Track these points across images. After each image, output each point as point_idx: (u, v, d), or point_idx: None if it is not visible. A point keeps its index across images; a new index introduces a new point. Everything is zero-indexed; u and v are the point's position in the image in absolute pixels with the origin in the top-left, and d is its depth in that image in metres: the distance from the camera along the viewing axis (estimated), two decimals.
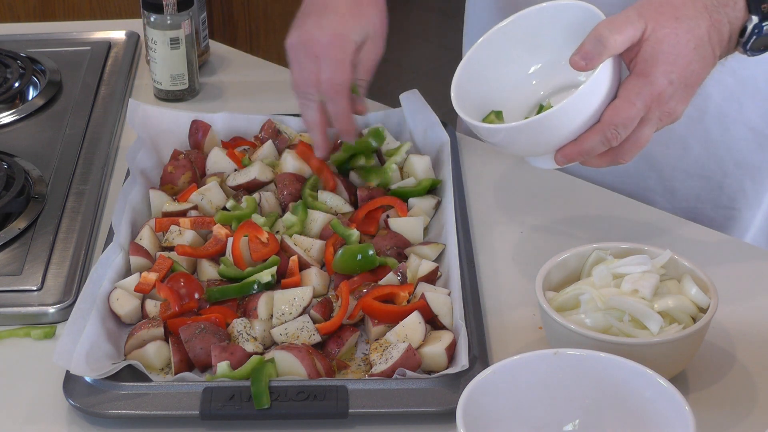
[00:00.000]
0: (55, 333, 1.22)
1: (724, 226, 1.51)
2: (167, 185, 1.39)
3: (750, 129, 1.48)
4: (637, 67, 1.15)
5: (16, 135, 1.57)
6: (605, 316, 1.10)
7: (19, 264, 1.31)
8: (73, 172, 1.47)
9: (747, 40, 1.18)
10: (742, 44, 1.18)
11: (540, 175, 1.46)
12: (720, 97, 1.46)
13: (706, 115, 1.47)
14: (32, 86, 1.68)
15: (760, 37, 1.18)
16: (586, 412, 1.02)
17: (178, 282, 1.21)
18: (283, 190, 1.36)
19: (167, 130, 1.48)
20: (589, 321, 1.10)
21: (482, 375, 1.00)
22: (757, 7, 1.17)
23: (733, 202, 1.52)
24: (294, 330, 1.17)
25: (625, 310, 1.10)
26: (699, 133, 1.48)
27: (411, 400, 1.09)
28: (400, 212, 1.33)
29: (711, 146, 1.49)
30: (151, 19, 1.60)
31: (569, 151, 1.16)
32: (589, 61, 1.13)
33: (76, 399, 1.10)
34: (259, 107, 1.58)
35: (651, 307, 1.10)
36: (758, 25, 1.17)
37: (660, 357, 1.07)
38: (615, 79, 1.15)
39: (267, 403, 1.09)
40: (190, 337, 1.15)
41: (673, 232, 1.37)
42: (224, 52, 1.80)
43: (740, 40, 1.18)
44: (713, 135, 1.48)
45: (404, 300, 1.20)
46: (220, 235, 1.28)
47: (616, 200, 1.43)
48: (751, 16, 1.17)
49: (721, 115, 1.47)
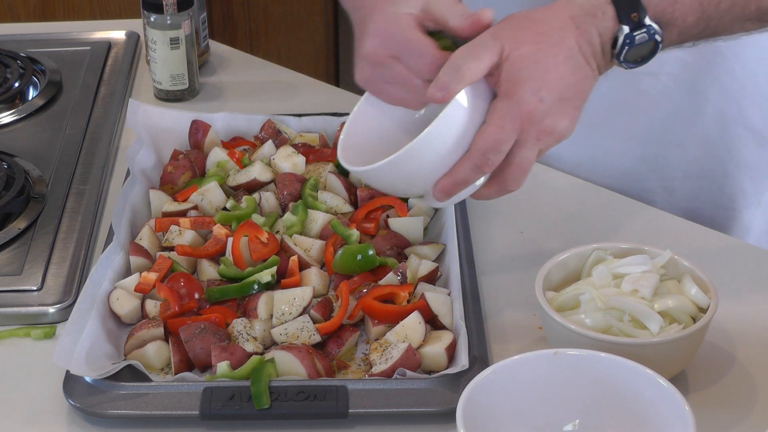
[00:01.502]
0: (55, 333, 1.22)
1: (724, 226, 1.51)
2: (167, 185, 1.39)
3: (749, 129, 1.48)
4: (502, 89, 1.10)
5: (16, 135, 1.57)
6: (605, 316, 1.10)
7: (19, 264, 1.31)
8: (73, 172, 1.47)
9: (620, 51, 1.13)
10: (615, 56, 1.13)
11: (540, 175, 1.46)
12: (718, 97, 1.45)
13: (705, 116, 1.47)
14: (32, 86, 1.68)
15: (633, 47, 1.12)
16: (586, 412, 1.02)
17: (178, 282, 1.21)
18: (283, 190, 1.36)
19: (167, 130, 1.48)
20: (589, 321, 1.10)
21: (482, 375, 1.00)
22: (627, 16, 1.12)
23: (733, 202, 1.51)
24: (294, 330, 1.17)
25: (625, 310, 1.10)
26: (697, 133, 1.48)
27: (411, 400, 1.09)
28: (400, 212, 1.33)
29: (710, 146, 1.49)
30: (151, 19, 1.60)
31: (444, 184, 1.11)
32: (446, 93, 1.08)
33: (76, 399, 1.10)
34: (259, 107, 1.59)
35: (651, 307, 1.10)
36: (629, 35, 1.12)
37: (660, 357, 1.07)
38: (480, 105, 1.10)
39: (267, 403, 1.08)
40: (190, 337, 1.15)
41: (673, 232, 1.37)
42: (224, 52, 1.80)
43: (614, 52, 1.13)
44: (712, 135, 1.48)
45: (404, 300, 1.20)
46: (220, 235, 1.28)
47: (617, 200, 1.43)
48: (622, 26, 1.12)
49: (719, 116, 1.47)
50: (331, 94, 1.69)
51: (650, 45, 1.13)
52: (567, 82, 1.11)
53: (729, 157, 1.49)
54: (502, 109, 1.10)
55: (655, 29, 1.13)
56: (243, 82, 1.71)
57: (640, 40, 1.12)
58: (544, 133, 1.11)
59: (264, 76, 1.73)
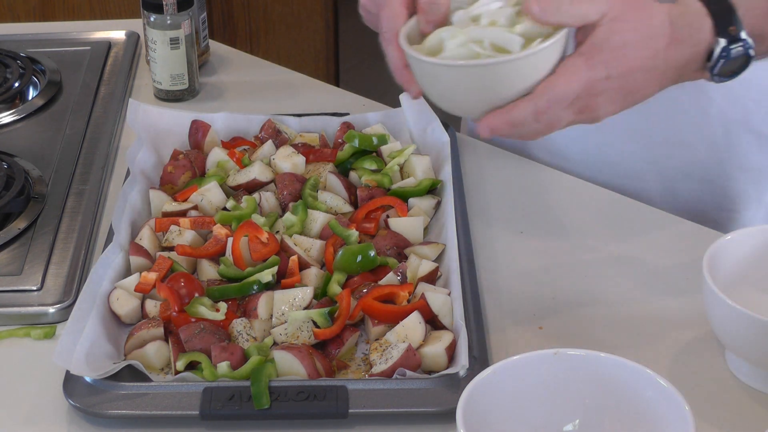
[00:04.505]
0: (55, 333, 1.22)
1: (726, 228, 1.50)
2: (167, 185, 1.39)
3: (753, 132, 1.47)
4: (583, 47, 1.11)
5: (16, 135, 1.57)
6: (468, 49, 1.10)
7: (19, 264, 1.31)
8: (73, 172, 1.47)
9: (714, 64, 1.13)
10: (708, 68, 1.14)
11: (540, 175, 1.46)
12: (723, 100, 1.45)
13: (709, 119, 1.46)
14: (32, 86, 1.68)
15: (728, 61, 1.13)
16: (586, 412, 1.02)
17: (178, 282, 1.21)
18: (283, 190, 1.36)
19: (167, 130, 1.48)
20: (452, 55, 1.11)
21: (482, 375, 1.00)
22: (725, 30, 1.12)
23: (735, 204, 1.51)
24: (294, 330, 1.17)
25: (484, 39, 1.10)
26: (701, 135, 1.48)
27: (411, 400, 1.09)
28: (400, 212, 1.33)
29: (713, 149, 1.48)
30: (151, 19, 1.60)
31: (496, 121, 1.11)
32: (543, 14, 1.09)
33: (76, 399, 1.10)
34: (259, 107, 1.59)
35: (510, 32, 1.10)
36: (726, 48, 1.12)
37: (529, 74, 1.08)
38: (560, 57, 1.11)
39: (267, 403, 1.09)
40: (190, 337, 1.15)
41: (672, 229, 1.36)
42: (224, 52, 1.80)
43: (707, 65, 1.14)
44: (716, 138, 1.47)
45: (404, 300, 1.20)
46: (220, 235, 1.28)
47: (617, 200, 1.43)
48: (719, 39, 1.12)
49: (724, 119, 1.46)
50: (331, 94, 1.69)
51: (743, 59, 1.14)
52: (636, 76, 1.11)
53: (732, 160, 1.49)
54: (577, 67, 1.10)
55: (749, 43, 1.13)
56: (243, 82, 1.71)
57: (736, 54, 1.13)
58: (588, 107, 1.12)
59: (264, 76, 1.73)
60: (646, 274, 1.29)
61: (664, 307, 1.24)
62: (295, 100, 1.66)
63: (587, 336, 1.20)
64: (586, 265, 1.31)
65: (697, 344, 1.19)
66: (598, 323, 1.22)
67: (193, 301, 1.18)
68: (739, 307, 1.07)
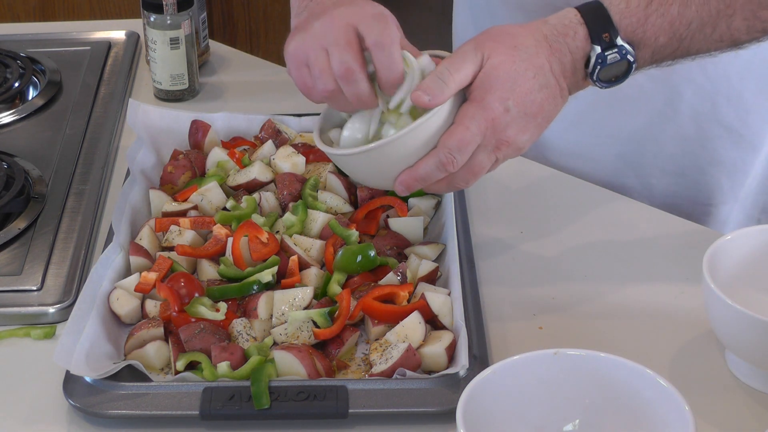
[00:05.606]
0: (55, 333, 1.22)
1: (702, 221, 1.53)
2: (167, 185, 1.39)
3: (724, 127, 1.49)
4: (473, 94, 1.14)
5: (16, 135, 1.57)
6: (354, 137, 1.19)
7: (19, 264, 1.31)
8: (73, 172, 1.47)
9: (592, 70, 1.16)
10: (589, 75, 1.17)
11: (540, 175, 1.46)
12: (693, 96, 1.46)
13: (680, 114, 1.48)
14: (32, 86, 1.68)
15: (605, 66, 1.16)
16: (586, 412, 1.02)
17: (178, 282, 1.21)
18: (283, 190, 1.36)
19: (167, 130, 1.48)
20: None
21: (482, 375, 1.00)
22: (599, 36, 1.15)
23: (711, 198, 1.53)
24: (294, 330, 1.17)
25: None
26: (673, 131, 1.50)
27: (411, 400, 1.09)
28: (400, 212, 1.33)
29: (686, 144, 1.50)
30: (151, 19, 1.60)
31: (406, 178, 1.16)
32: (433, 98, 1.13)
33: (76, 399, 1.10)
34: (259, 107, 1.59)
35: None
36: (601, 54, 1.15)
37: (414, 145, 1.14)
38: (454, 109, 1.15)
39: (267, 403, 1.09)
40: (190, 337, 1.15)
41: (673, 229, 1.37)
42: (224, 52, 1.80)
43: (587, 71, 1.16)
44: (688, 133, 1.49)
45: (404, 300, 1.20)
46: (220, 235, 1.28)
47: (617, 200, 1.43)
48: (594, 46, 1.15)
49: (694, 114, 1.48)
50: None
51: (623, 65, 1.16)
52: (533, 98, 1.14)
53: (705, 155, 1.51)
54: (470, 112, 1.13)
55: (627, 49, 1.16)
56: (243, 82, 1.71)
57: (612, 60, 1.15)
58: (503, 142, 1.14)
59: (264, 76, 1.73)
60: (646, 274, 1.29)
61: (664, 307, 1.24)
62: (295, 100, 1.64)
63: (587, 336, 1.20)
64: (586, 265, 1.31)
65: (697, 344, 1.19)
66: (598, 323, 1.22)
67: (193, 301, 1.18)
68: (739, 307, 1.07)
